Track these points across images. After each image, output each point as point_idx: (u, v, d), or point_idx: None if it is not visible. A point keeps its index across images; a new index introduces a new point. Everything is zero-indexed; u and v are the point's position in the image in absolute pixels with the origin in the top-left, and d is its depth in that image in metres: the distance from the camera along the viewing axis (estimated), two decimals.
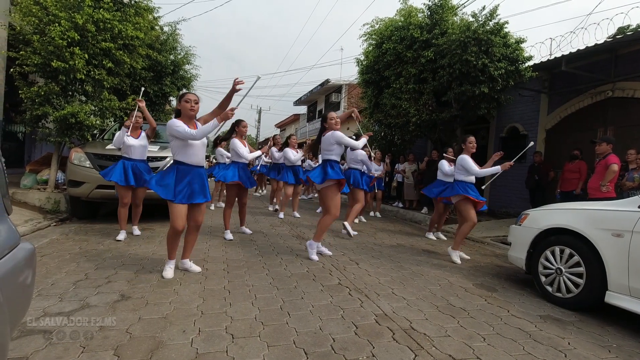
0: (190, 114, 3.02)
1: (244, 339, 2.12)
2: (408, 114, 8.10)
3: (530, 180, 7.66)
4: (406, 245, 5.22)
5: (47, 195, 5.84)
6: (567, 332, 2.56)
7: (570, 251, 3.09)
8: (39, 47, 5.44)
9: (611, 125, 6.98)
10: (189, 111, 3.01)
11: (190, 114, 3.02)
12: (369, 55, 9.21)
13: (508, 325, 2.59)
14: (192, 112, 3.02)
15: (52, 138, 6.01)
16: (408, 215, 8.39)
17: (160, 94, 8.92)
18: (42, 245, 3.89)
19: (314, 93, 22.80)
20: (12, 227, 1.43)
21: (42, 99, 5.69)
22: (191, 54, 9.59)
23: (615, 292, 2.75)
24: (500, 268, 4.35)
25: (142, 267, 3.34)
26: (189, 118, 3.05)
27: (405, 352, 2.09)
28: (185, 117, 3.05)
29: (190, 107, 3.01)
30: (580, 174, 6.46)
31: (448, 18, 7.94)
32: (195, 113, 3.05)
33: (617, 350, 2.35)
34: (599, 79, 7.01)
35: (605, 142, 4.86)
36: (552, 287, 3.21)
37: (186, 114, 3.03)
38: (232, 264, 3.64)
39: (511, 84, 7.11)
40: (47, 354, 1.85)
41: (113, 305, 2.48)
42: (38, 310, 2.31)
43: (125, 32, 6.00)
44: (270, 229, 5.66)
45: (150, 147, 5.35)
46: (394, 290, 3.19)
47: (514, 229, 3.81)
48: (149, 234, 4.76)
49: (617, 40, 6.26)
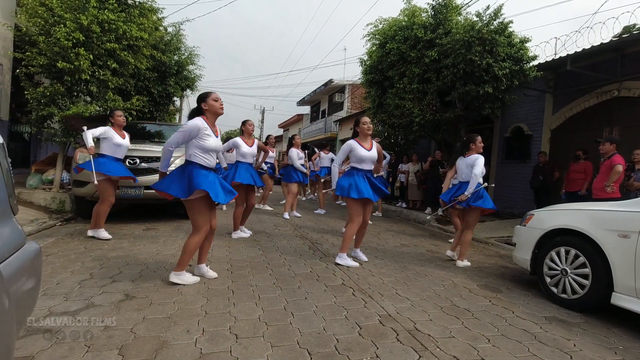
0: (220, 112, 3.01)
1: (247, 339, 2.12)
2: (412, 114, 8.08)
3: (535, 181, 7.61)
4: (410, 246, 5.21)
5: (53, 195, 5.88)
6: (573, 334, 2.54)
7: (576, 252, 3.06)
8: (45, 48, 5.48)
9: (617, 125, 6.92)
10: (219, 109, 2.99)
11: (219, 113, 3.01)
12: (373, 55, 9.20)
13: (513, 327, 2.58)
14: (221, 110, 3.01)
15: (58, 138, 6.06)
16: (412, 215, 8.37)
17: (164, 94, 8.97)
18: (47, 245, 3.92)
19: (317, 93, 22.81)
20: (18, 227, 1.44)
21: (47, 100, 5.74)
22: (195, 55, 9.65)
23: (621, 293, 2.72)
24: (504, 269, 4.33)
25: (146, 267, 3.36)
26: (215, 117, 3.03)
27: (409, 353, 2.09)
28: (212, 117, 3.01)
29: (220, 105, 3.00)
30: (586, 174, 6.41)
31: (452, 18, 7.91)
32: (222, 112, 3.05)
33: (623, 352, 2.32)
34: (604, 78, 6.95)
35: (609, 142, 4.82)
36: (557, 288, 3.18)
37: (216, 112, 3.00)
38: (235, 264, 3.64)
39: (516, 83, 7.08)
40: (53, 353, 1.86)
41: (117, 304, 2.49)
42: (44, 310, 2.32)
43: (129, 33, 6.04)
44: (274, 229, 5.66)
45: (154, 147, 5.38)
46: (397, 290, 3.18)
47: (518, 230, 3.79)
48: (153, 234, 4.78)
49: (623, 39, 6.21)
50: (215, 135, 2.99)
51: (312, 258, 4.07)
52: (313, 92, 23.16)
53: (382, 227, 6.79)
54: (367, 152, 3.81)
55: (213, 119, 3.02)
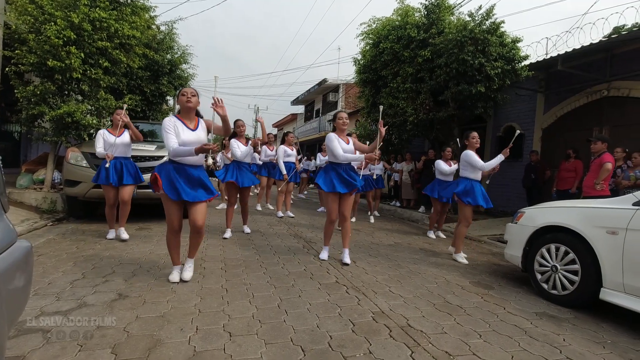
0: (186, 105, 2.94)
1: (241, 337, 2.12)
2: (405, 113, 8.13)
3: (527, 179, 7.70)
4: (403, 244, 5.24)
5: (44, 195, 5.81)
6: (563, 329, 2.58)
7: (566, 249, 3.11)
8: (35, 46, 5.41)
9: (607, 125, 7.03)
10: (185, 103, 2.93)
11: (186, 106, 2.95)
12: (366, 55, 9.23)
13: (504, 322, 2.61)
14: (188, 104, 2.93)
15: (49, 137, 5.99)
16: (405, 214, 8.42)
17: (157, 94, 8.91)
18: (38, 245, 3.88)
19: (311, 92, 22.81)
20: (9, 225, 1.43)
21: (38, 98, 5.67)
22: (188, 54, 9.60)
23: (609, 289, 2.77)
24: (497, 266, 4.38)
25: (139, 267, 3.34)
26: (186, 111, 2.98)
27: (402, 349, 2.11)
28: (184, 111, 2.98)
29: (186, 100, 2.93)
30: (577, 172, 6.50)
31: (445, 17, 7.97)
32: (192, 105, 2.96)
33: (611, 346, 2.37)
34: (594, 78, 7.05)
35: (600, 140, 4.90)
36: (547, 284, 3.23)
37: (182, 106, 2.96)
38: (229, 263, 3.64)
39: (507, 83, 7.14)
40: (44, 353, 1.85)
41: (110, 304, 2.48)
42: (35, 310, 2.30)
43: (121, 31, 5.99)
44: (268, 228, 5.66)
45: (147, 147, 5.35)
46: (391, 288, 3.20)
47: (510, 227, 3.83)
48: (146, 234, 4.76)
49: (612, 39, 6.30)
50: (192, 129, 2.95)
51: (306, 256, 4.08)
52: (307, 91, 23.16)
53: (376, 225, 6.82)
54: (345, 146, 3.86)
55: (185, 114, 2.98)
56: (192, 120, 3.00)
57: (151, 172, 3.02)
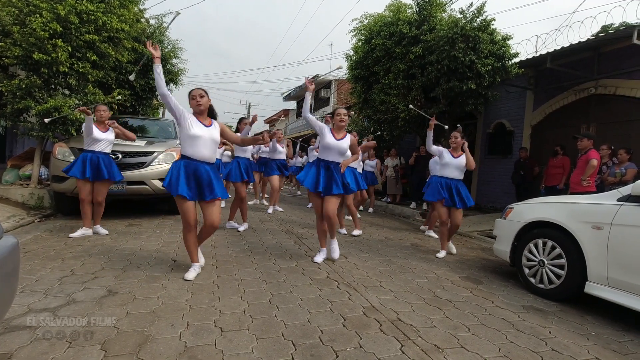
0: (198, 109, 2.99)
1: (232, 332, 2.13)
2: (397, 110, 8.15)
3: (516, 176, 7.81)
4: (394, 240, 5.28)
5: (31, 191, 5.71)
6: (549, 322, 2.64)
7: (553, 243, 3.17)
8: (20, 38, 5.28)
9: (594, 122, 7.15)
10: (196, 107, 2.99)
11: (198, 110, 2.99)
12: (358, 51, 9.22)
13: (492, 316, 2.66)
14: (198, 107, 2.97)
15: (35, 132, 5.87)
16: (397, 210, 8.48)
17: (147, 88, 8.79)
18: (25, 242, 3.82)
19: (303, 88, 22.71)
20: None
21: (23, 92, 5.54)
22: (178, 48, 9.46)
23: (594, 282, 2.84)
24: (486, 261, 4.45)
25: (129, 263, 3.31)
26: (199, 113, 3.02)
27: (392, 343, 2.13)
28: (197, 113, 3.02)
29: (196, 104, 2.97)
30: (564, 169, 6.62)
31: (436, 14, 7.99)
32: (203, 107, 2.99)
33: (595, 338, 2.43)
34: (582, 76, 7.16)
35: (586, 137, 4.99)
36: (535, 278, 3.30)
37: (195, 110, 3.02)
38: (221, 259, 3.63)
39: (498, 80, 7.22)
40: (33, 350, 1.83)
41: (100, 300, 2.45)
42: (22, 307, 2.27)
43: (109, 25, 5.87)
44: (260, 224, 5.65)
45: (137, 142, 5.28)
46: (381, 283, 3.23)
47: (499, 223, 3.89)
48: (137, 230, 4.71)
49: (600, 38, 6.40)
50: (206, 125, 3.00)
51: (297, 252, 4.09)
52: (299, 87, 23.04)
53: (367, 221, 6.85)
54: (334, 141, 3.66)
55: (198, 115, 3.05)
56: (205, 119, 3.06)
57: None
